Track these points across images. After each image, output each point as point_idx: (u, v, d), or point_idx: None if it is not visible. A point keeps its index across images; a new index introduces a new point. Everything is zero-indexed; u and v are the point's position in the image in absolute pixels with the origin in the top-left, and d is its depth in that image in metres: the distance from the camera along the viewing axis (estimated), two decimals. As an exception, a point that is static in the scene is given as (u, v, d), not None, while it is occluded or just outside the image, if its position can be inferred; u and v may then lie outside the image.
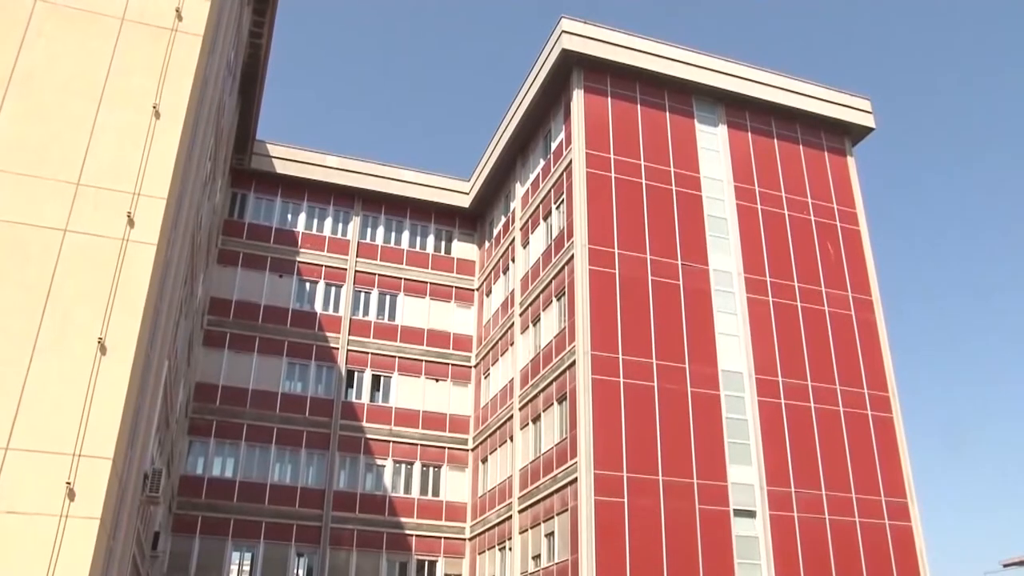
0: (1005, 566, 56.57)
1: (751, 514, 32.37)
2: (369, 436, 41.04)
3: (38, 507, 12.89)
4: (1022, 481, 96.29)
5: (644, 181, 36.20)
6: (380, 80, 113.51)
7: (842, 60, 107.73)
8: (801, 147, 40.21)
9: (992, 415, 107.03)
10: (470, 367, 44.24)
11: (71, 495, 13.07)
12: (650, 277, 34.56)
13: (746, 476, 32.82)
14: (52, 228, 14.67)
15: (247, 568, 37.55)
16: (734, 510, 32.10)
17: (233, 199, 43.62)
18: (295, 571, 36.99)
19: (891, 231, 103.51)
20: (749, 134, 39.44)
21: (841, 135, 41.29)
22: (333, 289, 43.64)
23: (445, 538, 40.54)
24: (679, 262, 35.34)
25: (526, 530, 34.68)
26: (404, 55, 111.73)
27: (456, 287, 45.83)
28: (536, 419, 35.50)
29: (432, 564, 40.05)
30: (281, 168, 44.01)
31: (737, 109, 39.56)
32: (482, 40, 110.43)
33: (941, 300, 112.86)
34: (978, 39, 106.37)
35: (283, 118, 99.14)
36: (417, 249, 46.00)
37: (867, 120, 41.26)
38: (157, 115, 16.17)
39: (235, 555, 37.62)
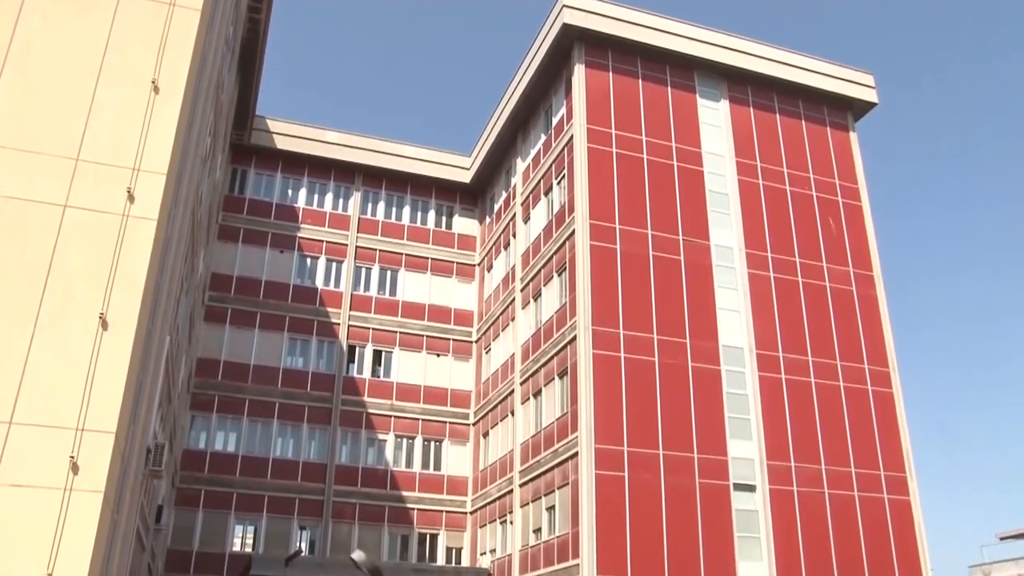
0: (1002, 539, 56.95)
1: (751, 488, 32.56)
2: (370, 411, 41.23)
3: (42, 481, 12.99)
4: (1019, 456, 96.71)
5: (645, 156, 36.12)
6: (380, 55, 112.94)
7: (845, 36, 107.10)
8: (803, 122, 40.06)
9: (991, 391, 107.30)
10: (471, 342, 44.35)
11: (75, 469, 13.16)
12: (651, 252, 34.56)
13: (746, 450, 32.98)
14: (52, 204, 14.66)
15: (250, 541, 37.86)
16: (734, 484, 32.29)
17: (233, 175, 43.56)
18: (297, 544, 37.26)
19: (893, 207, 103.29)
20: (751, 109, 39.28)
21: (843, 110, 41.12)
22: (334, 265, 43.67)
23: (446, 512, 40.81)
24: (680, 237, 35.32)
25: (527, 504, 34.91)
26: (404, 30, 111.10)
27: (457, 262, 45.84)
28: (537, 394, 35.63)
29: (433, 537, 40.35)
30: (281, 144, 43.90)
31: (739, 84, 39.37)
32: (483, 14, 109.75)
33: (942, 276, 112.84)
34: (982, 17, 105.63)
35: (283, 94, 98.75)
36: (418, 224, 45.97)
37: (870, 95, 41.06)
38: (156, 90, 16.12)
39: (238, 528, 37.92)
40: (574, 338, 32.71)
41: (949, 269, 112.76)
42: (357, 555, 15.34)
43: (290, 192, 44.39)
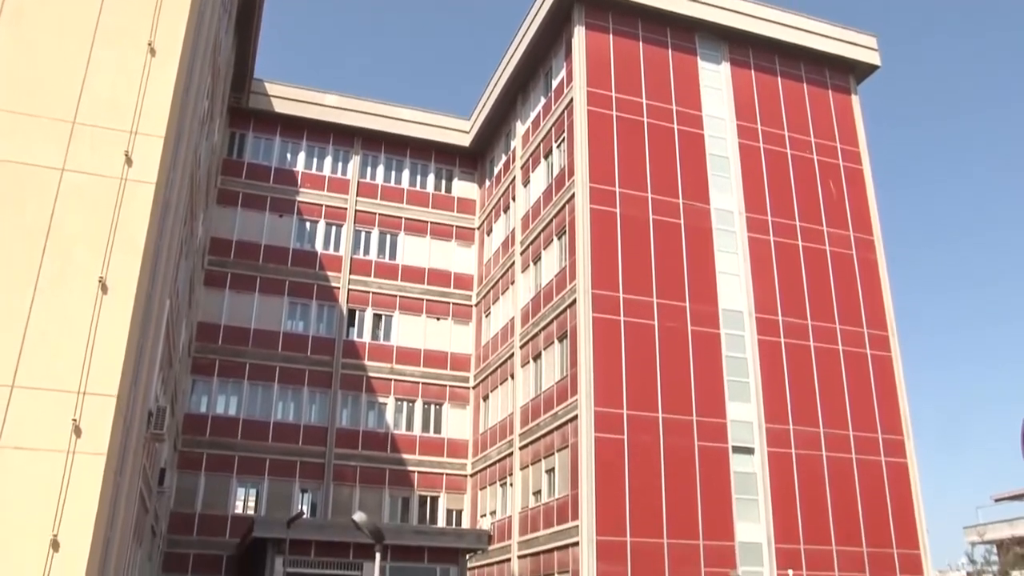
0: (997, 501, 57.49)
1: (749, 451, 32.79)
2: (371, 374, 41.37)
3: (45, 443, 13.06)
4: (1015, 419, 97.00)
5: (646, 119, 35.92)
6: (379, 17, 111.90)
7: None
8: (805, 85, 39.78)
9: (991, 357, 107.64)
10: (471, 306, 44.40)
11: (77, 432, 13.22)
12: (651, 216, 34.49)
13: (745, 413, 33.17)
14: (49, 168, 14.59)
15: (252, 504, 38.17)
16: (733, 447, 32.51)
17: (232, 138, 43.33)
18: (299, 507, 37.57)
19: (894, 170, 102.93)
20: (752, 72, 38.98)
21: (846, 73, 40.81)
22: (333, 228, 43.59)
23: (447, 474, 41.11)
24: (680, 201, 35.24)
25: (527, 466, 35.16)
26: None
27: (457, 226, 45.75)
28: (537, 357, 35.74)
29: (434, 500, 40.69)
30: (279, 107, 43.62)
31: (741, 46, 39.04)
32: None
33: (943, 240, 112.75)
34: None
35: (281, 57, 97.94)
36: (417, 188, 45.81)
37: (872, 57, 40.73)
38: (152, 52, 15.97)
39: (240, 491, 38.22)
40: (574, 302, 32.74)
41: (950, 233, 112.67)
42: (359, 516, 15.47)
43: (289, 156, 44.20)
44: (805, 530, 32.44)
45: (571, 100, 35.73)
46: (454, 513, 40.85)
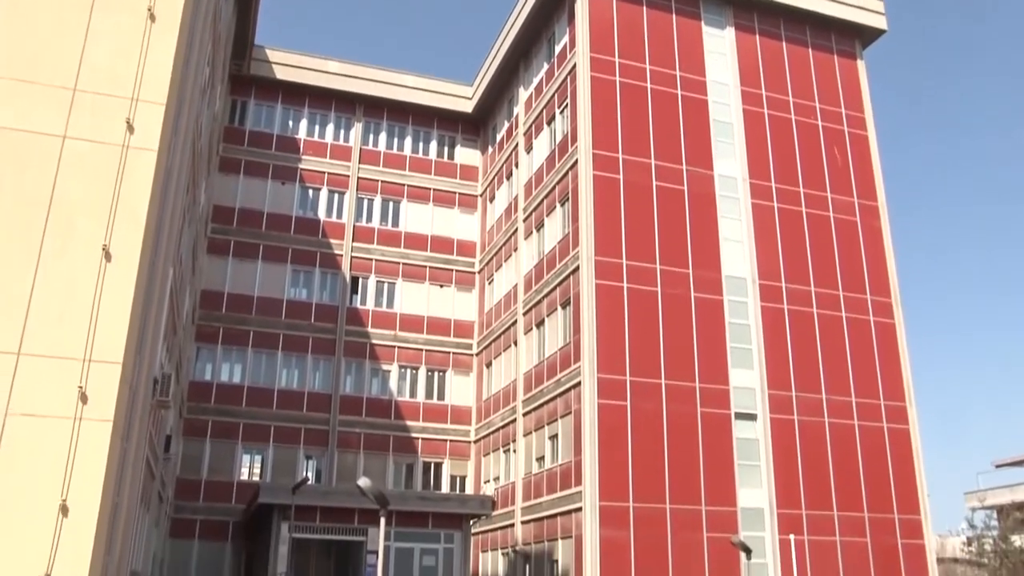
0: (998, 466, 57.82)
1: (752, 417, 32.93)
2: (374, 341, 41.49)
3: (52, 410, 13.15)
4: (1017, 386, 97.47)
5: (649, 85, 35.67)
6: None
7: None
8: (810, 50, 39.42)
9: (993, 322, 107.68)
10: (474, 273, 44.40)
11: (83, 399, 13.30)
12: (654, 182, 34.37)
13: (748, 380, 33.26)
14: (50, 135, 14.54)
15: (257, 470, 38.46)
16: (735, 413, 32.64)
17: (233, 106, 43.12)
18: (304, 473, 37.84)
19: (899, 136, 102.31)
20: (757, 36, 38.63)
21: (851, 37, 40.41)
22: (336, 196, 43.49)
23: (450, 441, 41.35)
24: (684, 167, 35.09)
25: (530, 433, 35.35)
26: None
27: (459, 193, 45.63)
28: (540, 324, 35.81)
29: (438, 466, 40.97)
30: (281, 74, 43.35)
31: (745, 10, 38.65)
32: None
33: (947, 207, 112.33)
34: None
35: (282, 23, 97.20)
36: (420, 155, 45.64)
37: (879, 21, 40.32)
38: (152, 18, 15.85)
39: (245, 458, 38.50)
40: (576, 268, 32.74)
41: (955, 199, 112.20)
42: (363, 482, 15.57)
43: (291, 123, 44.00)
44: (807, 495, 32.66)
45: (574, 66, 35.47)
46: (458, 479, 41.15)
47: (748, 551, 25.86)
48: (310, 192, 43.10)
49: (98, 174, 14.55)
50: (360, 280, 42.52)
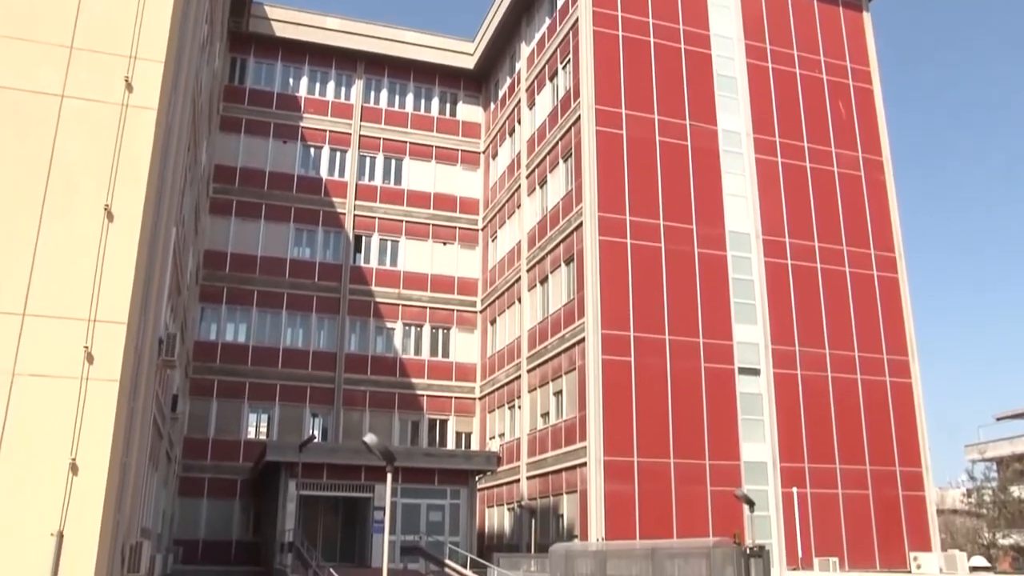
0: (999, 419, 58.08)
1: (755, 372, 33.05)
2: (378, 300, 41.54)
3: (59, 370, 13.19)
4: (1019, 340, 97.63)
5: (652, 40, 35.28)
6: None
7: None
8: (815, 2, 38.88)
9: (995, 276, 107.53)
10: (477, 230, 44.31)
11: (89, 359, 13.34)
12: (658, 138, 34.15)
13: (751, 335, 33.33)
14: (48, 94, 14.41)
15: (264, 429, 38.75)
16: (739, 368, 32.76)
17: (233, 64, 42.74)
18: (310, 431, 38.12)
19: (904, 90, 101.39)
20: (761, -12, 38.09)
21: (857, -13, 39.85)
22: (338, 154, 43.27)
23: (455, 398, 41.58)
24: (687, 122, 34.84)
25: (535, 389, 35.52)
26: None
27: (462, 150, 45.37)
28: (544, 280, 35.81)
29: (443, 423, 41.24)
30: (280, 31, 42.90)
31: (749, -39, 38.06)
32: None
33: (951, 161, 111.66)
34: None
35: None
36: (422, 112, 45.29)
37: (884, -29, 39.67)
38: (149, -26, 15.62)
39: (252, 417, 38.76)
40: (580, 224, 32.66)
41: (959, 153, 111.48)
42: (369, 438, 15.67)
43: (291, 81, 43.64)
44: (809, 449, 32.88)
45: (576, 20, 35.06)
46: (463, 436, 41.44)
47: (751, 504, 26.08)
48: (312, 150, 42.88)
49: (98, 133, 14.45)
50: (363, 238, 42.46)
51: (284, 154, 42.31)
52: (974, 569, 29.50)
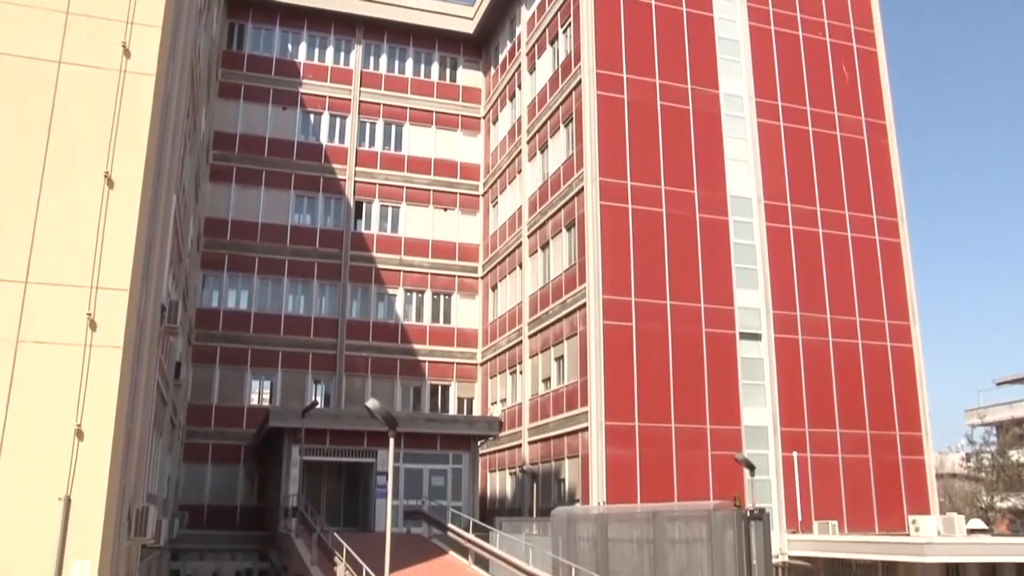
0: (999, 384, 58.30)
1: (756, 337, 33.11)
2: (379, 266, 41.54)
3: (63, 337, 13.25)
4: (1020, 305, 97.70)
5: (653, 2, 34.95)
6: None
7: None
8: (818, -38, 38.41)
9: (996, 243, 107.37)
10: (478, 196, 44.20)
11: (92, 325, 13.39)
12: (659, 102, 33.95)
13: (752, 300, 33.35)
14: (45, 60, 14.32)
15: (267, 395, 38.93)
16: (740, 333, 32.82)
17: (231, 30, 42.37)
18: (313, 397, 38.29)
19: (908, 53, 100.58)
20: (764, -51, 37.63)
21: (861, -52, 39.34)
22: (338, 120, 43.04)
23: (457, 363, 41.71)
24: (689, 86, 34.60)
25: (536, 354, 35.63)
26: None
27: (462, 115, 45.12)
28: (545, 246, 35.78)
29: (445, 388, 41.41)
30: (278, -5, 42.47)
31: (752, -78, 37.58)
32: None
33: (954, 130, 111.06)
34: None
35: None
36: (421, 77, 44.98)
37: (889, -69, 39.18)
38: (144, -63, 15.45)
39: (255, 383, 38.93)
40: (581, 190, 32.57)
41: (963, 119, 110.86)
42: (371, 403, 15.75)
43: (290, 47, 43.29)
44: (810, 414, 33.04)
45: (577, -17, 34.68)
46: (465, 401, 41.62)
47: (752, 468, 26.25)
48: (311, 117, 42.65)
49: (96, 100, 14.39)
50: (364, 205, 42.36)
51: (284, 120, 42.10)
52: (971, 532, 29.76)
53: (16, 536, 12.39)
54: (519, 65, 40.62)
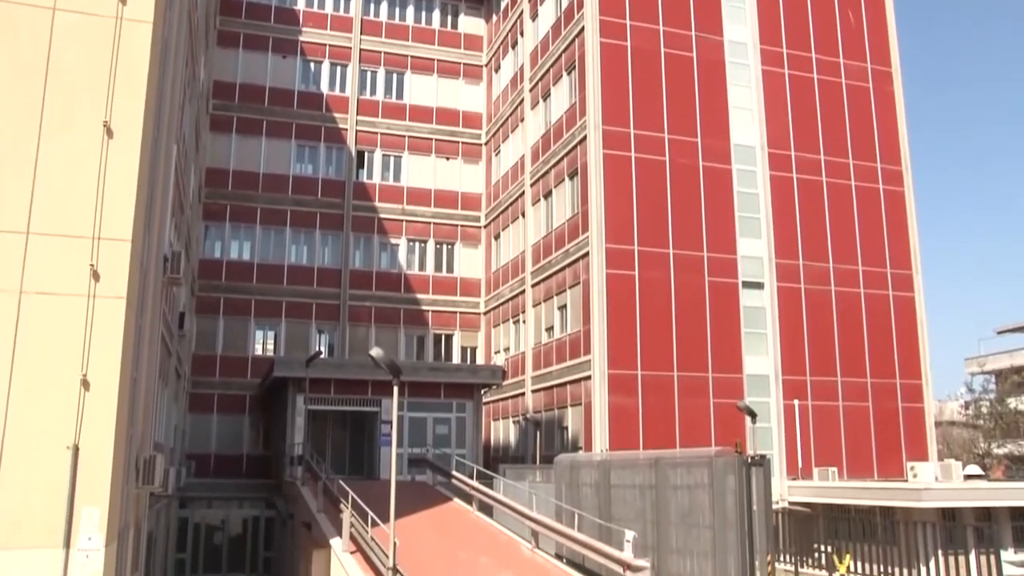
0: (999, 333, 58.49)
1: (759, 286, 33.14)
2: (382, 215, 41.45)
3: (66, 288, 13.26)
4: (1020, 256, 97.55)
5: (658, -54, 34.35)
6: None
7: None
8: (826, -96, 37.69)
9: (1002, 190, 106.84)
10: (480, 144, 43.93)
11: (95, 276, 13.39)
12: (663, 49, 33.58)
13: (755, 249, 33.32)
14: (39, 6, 14.11)
15: (271, 346, 39.11)
16: (743, 282, 32.86)
17: (228, -25, 41.75)
18: (317, 347, 38.47)
19: (918, 4, 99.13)
20: None
21: None
22: (339, 69, 42.62)
23: (460, 313, 41.83)
24: (693, 33, 34.18)
25: (539, 303, 35.70)
26: None
27: (464, 63, 44.65)
28: (548, 195, 35.66)
29: (448, 338, 41.57)
30: (276, -60, 41.81)
31: None
32: None
33: (961, 73, 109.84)
34: None
35: None
36: (423, 25, 44.43)
37: None
38: None
39: (258, 334, 39.09)
40: (584, 138, 32.36)
41: (969, 68, 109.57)
42: (375, 352, 15.83)
43: (288, -7, 42.69)
44: (812, 362, 33.20)
45: (580, -74, 34.08)
46: (468, 350, 41.82)
47: (753, 415, 26.43)
48: (312, 65, 42.23)
49: (93, 48, 14.22)
50: (366, 154, 42.14)
51: (284, 69, 41.70)
52: (968, 477, 30.08)
53: (27, 485, 12.55)
54: (521, 12, 40.10)
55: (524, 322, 37.12)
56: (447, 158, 43.26)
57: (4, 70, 13.75)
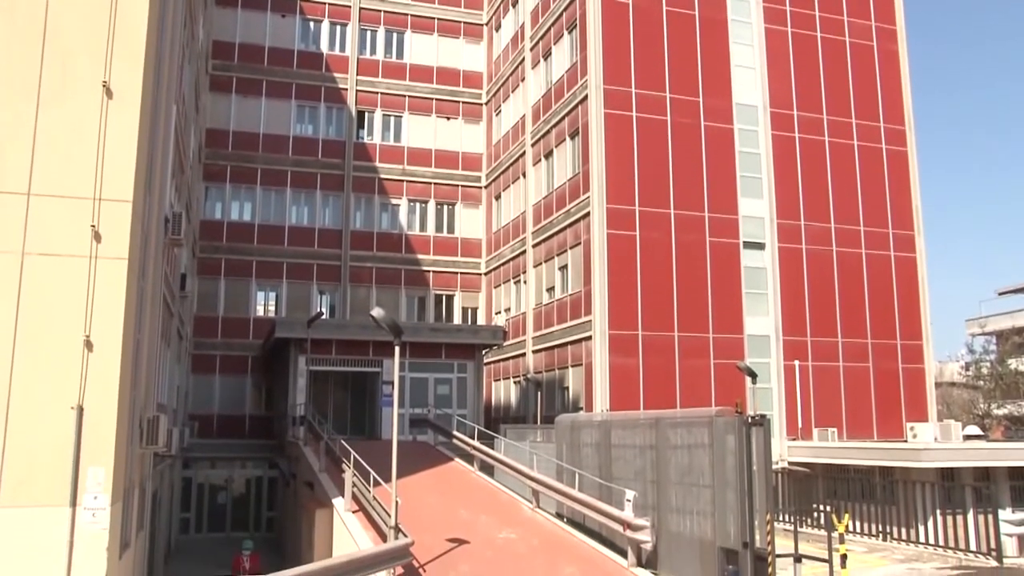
0: (1000, 294, 58.50)
1: (760, 246, 33.12)
2: (383, 176, 41.30)
3: (68, 249, 13.27)
4: (1022, 217, 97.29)
5: (661, -99, 33.86)
6: None
7: None
8: None
9: (1005, 151, 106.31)
10: (481, 104, 43.64)
11: (97, 237, 13.40)
12: (664, 7, 33.24)
13: (756, 209, 33.25)
14: (38, -33, 13.98)
15: (272, 307, 39.18)
16: (744, 242, 32.83)
17: (225, -68, 41.19)
18: (318, 308, 38.53)
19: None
20: None
21: None
22: (338, 28, 42.21)
23: (461, 273, 41.84)
24: (696, -10, 33.79)
25: (540, 264, 35.71)
26: None
27: (464, 22, 44.19)
28: (548, 155, 35.51)
29: (449, 298, 41.63)
30: None
31: None
32: None
33: (965, 35, 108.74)
34: None
35: None
36: (422, -18, 43.90)
37: None
38: None
39: (260, 295, 39.14)
40: (585, 98, 32.15)
41: (975, 27, 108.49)
42: (376, 312, 15.86)
43: (286, -50, 42.15)
44: (812, 323, 33.27)
45: None
46: (469, 311, 41.89)
47: (753, 375, 26.56)
48: (311, 25, 41.83)
49: (91, 8, 14.09)
50: (366, 114, 41.89)
51: (283, 28, 41.30)
52: (968, 438, 30.27)
53: (33, 445, 12.67)
54: (522, -31, 39.61)
55: (525, 282, 37.15)
56: (447, 118, 43.00)
57: (3, 33, 13.64)
